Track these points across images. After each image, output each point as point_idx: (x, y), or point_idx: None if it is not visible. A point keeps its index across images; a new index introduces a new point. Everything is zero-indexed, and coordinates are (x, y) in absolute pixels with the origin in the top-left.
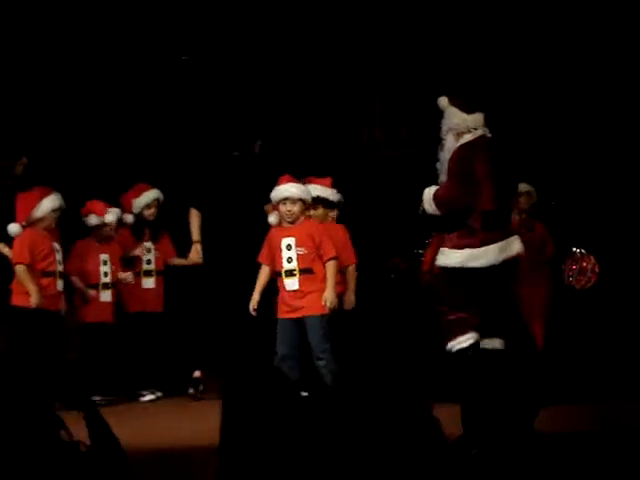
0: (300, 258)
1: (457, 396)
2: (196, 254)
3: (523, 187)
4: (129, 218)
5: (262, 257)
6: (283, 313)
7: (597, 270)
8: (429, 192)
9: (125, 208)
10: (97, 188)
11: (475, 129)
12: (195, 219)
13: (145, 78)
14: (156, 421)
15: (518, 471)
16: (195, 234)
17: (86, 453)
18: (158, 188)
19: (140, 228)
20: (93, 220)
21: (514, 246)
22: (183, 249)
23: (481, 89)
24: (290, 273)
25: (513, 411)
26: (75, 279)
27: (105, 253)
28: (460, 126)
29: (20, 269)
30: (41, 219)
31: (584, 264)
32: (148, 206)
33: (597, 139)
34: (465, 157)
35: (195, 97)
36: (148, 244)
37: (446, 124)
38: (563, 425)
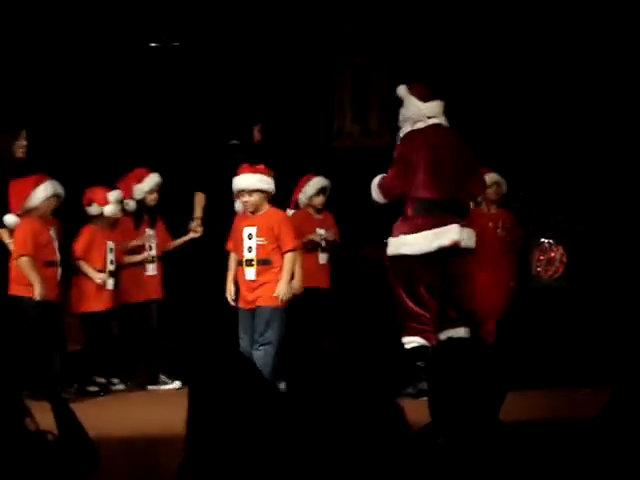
0: (259, 248)
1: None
2: (197, 226)
3: (492, 177)
4: (131, 204)
5: (230, 245)
6: (241, 303)
7: (565, 260)
8: (375, 181)
9: (124, 194)
10: (92, 173)
11: (430, 118)
12: (200, 200)
13: (139, 66)
14: (133, 410)
15: (483, 460)
16: (198, 211)
17: (53, 443)
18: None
19: (140, 214)
20: (95, 210)
21: (450, 234)
22: (176, 235)
23: (449, 77)
24: (249, 263)
25: (478, 399)
26: (82, 263)
27: (111, 240)
28: (416, 115)
29: (24, 260)
30: (36, 208)
31: (552, 254)
32: (151, 191)
33: (566, 128)
34: (408, 144)
35: (185, 85)
36: (148, 230)
37: (403, 113)
38: (528, 413)
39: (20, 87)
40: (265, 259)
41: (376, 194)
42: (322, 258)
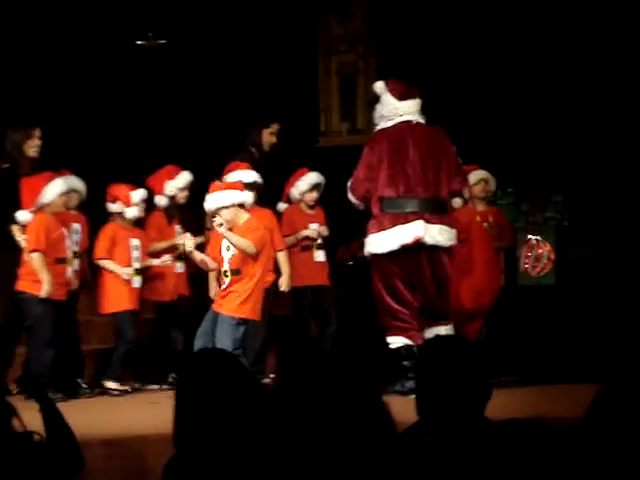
0: (232, 259)
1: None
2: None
3: (479, 174)
4: (163, 200)
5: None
6: (214, 303)
7: (553, 257)
8: (348, 183)
9: (154, 190)
10: (114, 168)
11: (403, 115)
12: None
13: (125, 64)
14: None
15: (470, 457)
16: None
17: (39, 444)
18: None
19: (170, 211)
20: (118, 208)
21: (412, 231)
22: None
23: (438, 74)
24: (225, 273)
25: (464, 397)
26: (106, 262)
27: (136, 238)
28: (391, 113)
29: (36, 256)
30: (48, 204)
31: (540, 251)
32: (184, 188)
33: (555, 125)
34: (370, 144)
35: (172, 83)
36: (177, 227)
37: (379, 110)
38: (515, 410)
39: (22, 85)
40: (236, 269)
41: (350, 196)
42: (318, 255)
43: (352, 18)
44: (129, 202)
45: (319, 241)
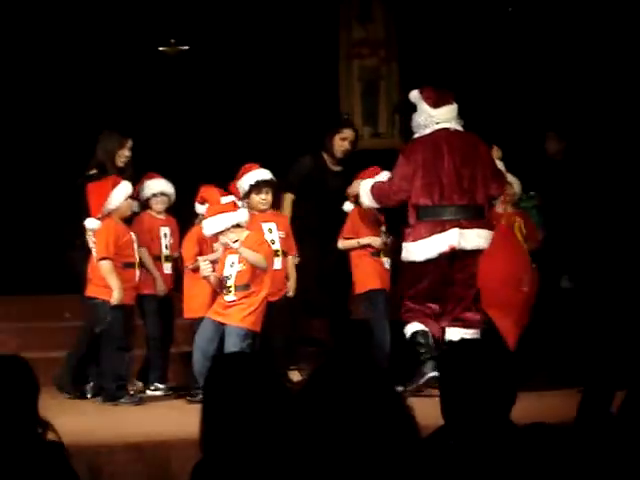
0: (238, 275)
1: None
2: None
3: None
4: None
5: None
6: (211, 312)
7: None
8: (367, 184)
9: (235, 195)
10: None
11: (439, 123)
12: (289, 201)
13: (147, 70)
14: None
15: (495, 461)
16: (287, 211)
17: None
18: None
19: None
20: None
21: (448, 240)
22: None
23: (461, 77)
24: (228, 289)
25: (490, 401)
26: (198, 260)
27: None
28: (427, 121)
29: (105, 264)
30: (115, 209)
31: None
32: None
33: (575, 128)
34: (406, 153)
35: (195, 89)
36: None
37: (415, 119)
38: (538, 415)
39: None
40: (245, 284)
41: (369, 199)
42: (386, 262)
43: (374, 22)
44: None
45: (383, 246)
